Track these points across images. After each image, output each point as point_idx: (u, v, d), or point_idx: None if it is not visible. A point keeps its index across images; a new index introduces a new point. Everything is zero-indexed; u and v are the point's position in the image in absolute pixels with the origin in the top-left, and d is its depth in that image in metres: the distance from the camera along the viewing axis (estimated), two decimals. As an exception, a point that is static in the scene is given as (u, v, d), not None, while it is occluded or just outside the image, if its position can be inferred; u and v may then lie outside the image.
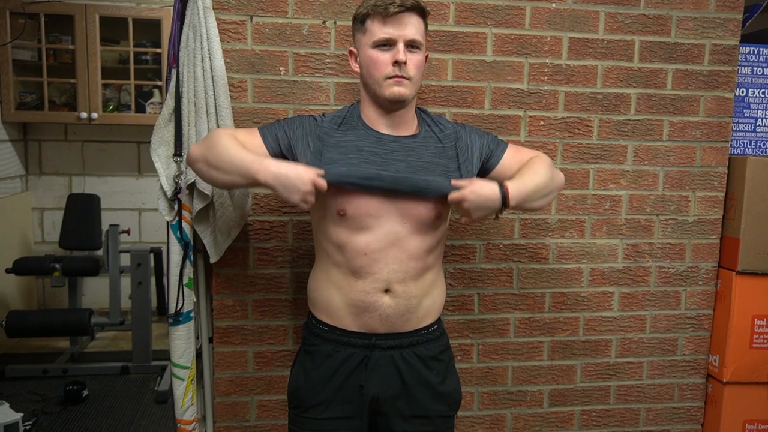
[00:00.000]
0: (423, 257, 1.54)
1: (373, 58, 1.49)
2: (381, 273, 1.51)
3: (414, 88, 1.51)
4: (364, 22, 1.50)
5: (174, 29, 1.83)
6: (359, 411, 1.55)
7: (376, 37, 1.48)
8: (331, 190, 1.47)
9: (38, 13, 3.95)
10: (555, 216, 2.07)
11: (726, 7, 2.07)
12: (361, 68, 1.54)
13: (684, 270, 2.17)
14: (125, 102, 4.20)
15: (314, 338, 1.60)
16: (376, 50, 1.49)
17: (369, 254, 1.50)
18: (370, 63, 1.50)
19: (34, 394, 3.34)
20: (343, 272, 1.54)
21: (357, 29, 1.54)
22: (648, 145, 2.09)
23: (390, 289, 1.52)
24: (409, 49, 1.49)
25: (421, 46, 1.51)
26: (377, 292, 1.51)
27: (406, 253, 1.51)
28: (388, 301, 1.52)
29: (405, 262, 1.52)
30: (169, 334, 1.88)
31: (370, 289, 1.51)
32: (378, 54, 1.48)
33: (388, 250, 1.50)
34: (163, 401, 3.30)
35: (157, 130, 1.83)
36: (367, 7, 1.49)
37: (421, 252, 1.54)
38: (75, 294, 3.97)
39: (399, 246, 1.51)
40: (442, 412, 1.60)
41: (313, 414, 1.57)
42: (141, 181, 4.51)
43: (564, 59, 2.01)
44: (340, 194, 1.48)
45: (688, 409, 2.24)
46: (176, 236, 1.83)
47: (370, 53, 1.49)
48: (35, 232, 4.43)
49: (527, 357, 2.12)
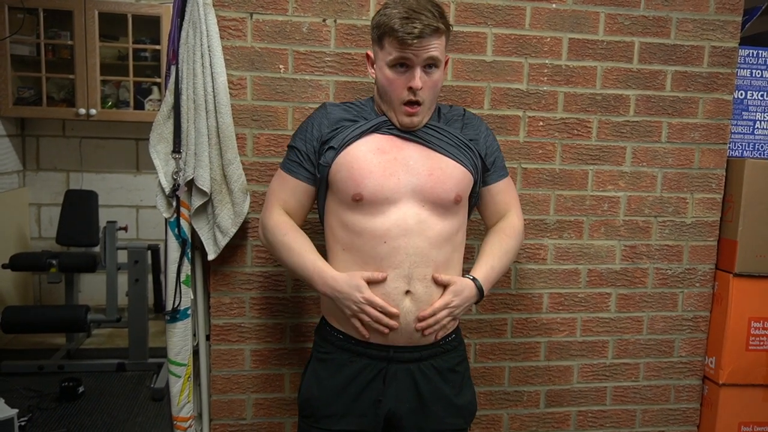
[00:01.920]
0: (443, 245, 1.49)
1: (389, 78, 1.45)
2: (402, 266, 1.44)
3: (428, 110, 1.50)
4: (381, 40, 1.44)
5: (174, 26, 1.83)
6: (374, 425, 1.51)
7: (392, 56, 1.42)
8: (344, 174, 1.47)
9: (37, 8, 3.94)
10: (553, 217, 2.08)
11: (725, 10, 2.07)
12: (377, 80, 1.50)
13: (681, 272, 2.17)
14: (124, 98, 4.20)
15: (328, 346, 1.56)
16: (391, 70, 1.44)
17: (389, 242, 1.45)
18: (385, 82, 1.46)
19: (29, 390, 3.33)
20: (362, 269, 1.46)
21: (374, 39, 1.48)
22: (647, 147, 2.10)
23: (411, 290, 1.45)
24: (426, 70, 1.44)
25: (440, 63, 1.45)
26: (398, 294, 1.45)
27: (428, 240, 1.46)
28: (408, 305, 1.46)
29: (427, 252, 1.46)
30: (167, 332, 1.88)
31: (390, 290, 1.45)
32: (393, 76, 1.44)
33: (408, 237, 1.45)
34: (160, 398, 3.29)
35: (155, 126, 1.83)
36: (385, 26, 1.42)
37: (442, 239, 1.49)
38: (71, 290, 3.96)
39: (419, 232, 1.46)
40: (456, 425, 1.57)
41: (325, 425, 1.53)
42: (139, 177, 4.50)
43: (564, 60, 2.01)
44: (354, 178, 1.46)
45: (684, 410, 2.24)
46: (174, 233, 1.82)
47: (385, 72, 1.45)
48: (32, 228, 4.42)
49: (524, 357, 2.12)
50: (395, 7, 1.42)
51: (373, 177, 1.46)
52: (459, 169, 1.52)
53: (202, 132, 1.78)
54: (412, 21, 1.38)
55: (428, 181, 1.48)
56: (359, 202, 1.46)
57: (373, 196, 1.45)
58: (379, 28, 1.44)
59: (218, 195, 1.81)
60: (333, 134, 1.51)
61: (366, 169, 1.47)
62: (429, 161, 1.50)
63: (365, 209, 1.47)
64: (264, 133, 1.89)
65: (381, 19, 1.43)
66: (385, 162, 1.48)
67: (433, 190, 1.48)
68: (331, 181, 1.52)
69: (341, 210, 1.51)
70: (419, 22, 1.38)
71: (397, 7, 1.41)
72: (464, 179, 1.53)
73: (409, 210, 1.47)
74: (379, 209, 1.46)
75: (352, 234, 1.49)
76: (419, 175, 1.48)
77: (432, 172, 1.49)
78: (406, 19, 1.38)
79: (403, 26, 1.38)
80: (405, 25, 1.38)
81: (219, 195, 1.81)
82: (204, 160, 1.78)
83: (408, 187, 1.47)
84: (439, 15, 1.42)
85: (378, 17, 1.45)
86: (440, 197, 1.48)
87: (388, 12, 1.42)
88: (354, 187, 1.46)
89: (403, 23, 1.38)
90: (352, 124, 1.52)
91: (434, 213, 1.49)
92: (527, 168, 2.04)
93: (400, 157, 1.49)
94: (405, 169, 1.48)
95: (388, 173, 1.47)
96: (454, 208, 1.52)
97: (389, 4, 1.46)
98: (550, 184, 2.06)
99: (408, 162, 1.49)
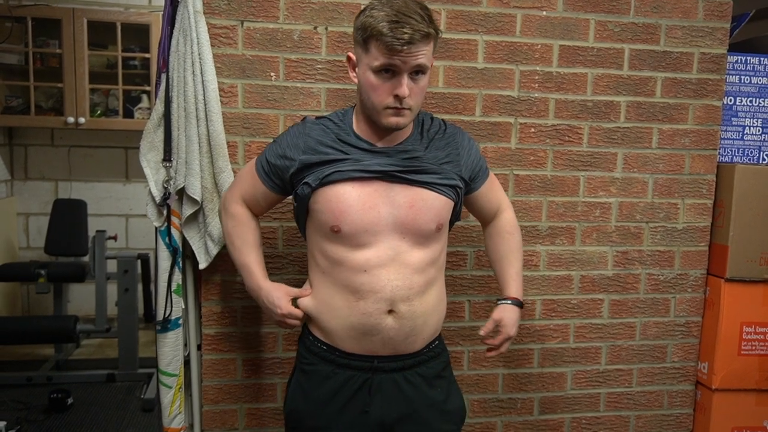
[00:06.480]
0: (426, 270, 1.48)
1: (372, 84, 1.36)
2: (384, 291, 1.43)
3: (414, 114, 1.42)
4: (366, 43, 1.34)
5: (164, 33, 1.82)
6: None
7: (378, 62, 1.33)
8: (322, 205, 1.43)
9: (25, 17, 3.92)
10: (545, 223, 2.08)
11: (714, 17, 2.09)
12: (359, 84, 1.41)
13: (673, 277, 2.18)
14: (113, 107, 4.17)
15: (311, 357, 1.54)
16: (376, 76, 1.35)
17: (369, 270, 1.43)
18: (369, 87, 1.37)
19: (17, 402, 3.29)
20: (342, 293, 1.46)
21: (357, 41, 1.38)
22: (637, 153, 2.11)
23: (394, 310, 1.44)
24: (413, 76, 1.35)
25: (427, 70, 1.38)
26: (380, 314, 1.43)
27: (409, 267, 1.45)
28: (392, 322, 1.44)
29: (409, 277, 1.44)
30: (157, 342, 1.86)
31: (372, 310, 1.43)
32: (378, 81, 1.35)
33: (389, 265, 1.43)
34: (150, 409, 3.26)
35: (146, 134, 1.82)
36: (371, 29, 1.31)
37: (424, 265, 1.47)
38: (60, 300, 3.92)
39: (400, 263, 1.44)
40: (449, 431, 1.57)
41: None
42: (128, 186, 4.47)
43: (554, 67, 2.02)
44: (332, 211, 1.42)
45: (677, 416, 2.24)
46: (165, 242, 1.81)
47: (369, 77, 1.36)
48: (20, 238, 4.37)
49: (518, 364, 2.12)
50: (382, 9, 1.31)
51: (353, 211, 1.41)
52: (440, 199, 1.48)
53: (193, 140, 1.77)
54: (401, 25, 1.28)
55: (409, 213, 1.44)
56: (338, 234, 1.43)
57: (353, 229, 1.42)
58: (364, 30, 1.33)
59: (209, 203, 1.80)
60: (307, 161, 1.45)
61: (345, 203, 1.42)
62: (410, 192, 1.45)
63: (344, 241, 1.43)
64: (255, 141, 1.88)
65: (366, 20, 1.32)
66: (365, 195, 1.43)
67: (414, 222, 1.44)
68: (310, 209, 1.48)
69: (320, 238, 1.48)
70: (409, 27, 1.29)
71: (384, 9, 1.31)
72: (445, 207, 1.50)
73: (390, 242, 1.44)
74: (359, 241, 1.43)
75: (332, 263, 1.46)
76: (400, 207, 1.44)
77: (413, 204, 1.44)
78: (395, 23, 1.29)
79: (392, 30, 1.28)
80: (394, 29, 1.28)
81: (210, 203, 1.80)
82: (195, 169, 1.77)
83: (388, 220, 1.43)
84: (428, 19, 1.33)
85: (363, 18, 1.34)
86: (421, 228, 1.45)
87: (374, 14, 1.32)
88: (332, 220, 1.42)
89: (391, 27, 1.29)
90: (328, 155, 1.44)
91: (415, 244, 1.46)
92: (519, 174, 2.04)
93: (380, 188, 1.44)
94: (385, 201, 1.43)
95: (368, 206, 1.42)
96: (436, 235, 1.49)
97: (375, 4, 1.34)
98: (541, 190, 2.06)
99: (388, 193, 1.44)
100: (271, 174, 1.52)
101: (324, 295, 1.50)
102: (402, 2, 1.33)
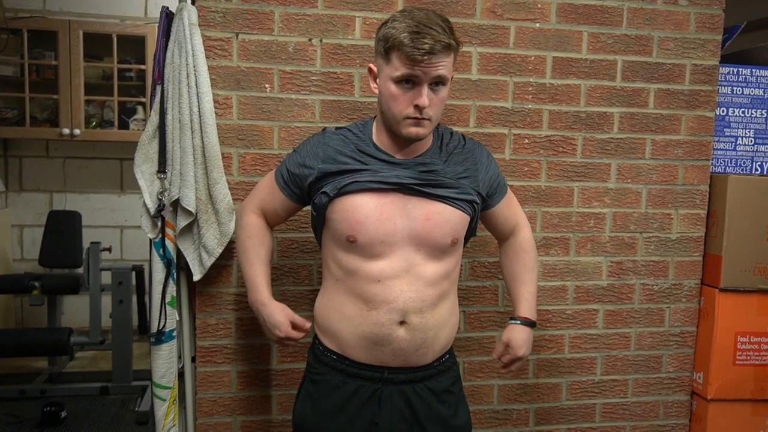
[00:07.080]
0: (439, 283, 1.49)
1: (393, 93, 1.38)
2: (396, 302, 1.44)
3: (434, 125, 1.44)
4: (388, 53, 1.37)
5: (159, 45, 1.82)
6: None
7: (399, 72, 1.36)
8: (339, 215, 1.45)
9: (21, 29, 3.93)
10: (540, 234, 2.08)
11: (706, 28, 2.11)
12: (380, 95, 1.43)
13: (667, 287, 2.18)
14: (108, 118, 4.18)
15: (321, 366, 1.54)
16: (397, 86, 1.37)
17: (383, 281, 1.44)
18: (389, 97, 1.39)
19: (10, 415, 3.26)
20: (354, 301, 1.47)
21: (379, 52, 1.41)
22: (631, 164, 2.12)
23: (406, 321, 1.45)
24: (433, 87, 1.38)
25: (447, 81, 1.40)
26: (392, 324, 1.44)
27: (423, 280, 1.46)
28: (403, 334, 1.45)
29: (422, 290, 1.46)
30: (151, 354, 1.85)
31: (384, 320, 1.44)
32: (398, 91, 1.37)
33: (403, 277, 1.44)
34: (144, 422, 3.23)
35: (141, 146, 1.82)
36: (393, 39, 1.34)
37: (438, 278, 1.48)
38: (54, 312, 3.90)
39: (414, 275, 1.45)
40: None
41: None
42: (123, 198, 4.47)
43: (548, 78, 2.03)
44: (349, 221, 1.44)
45: (673, 426, 2.24)
46: (159, 254, 1.81)
47: (390, 87, 1.38)
48: (14, 250, 4.36)
49: (513, 375, 2.11)
50: (403, 20, 1.35)
51: (369, 222, 1.43)
52: (456, 213, 1.49)
53: (188, 152, 1.77)
54: (422, 36, 1.31)
55: (425, 226, 1.45)
56: (353, 244, 1.44)
57: (368, 239, 1.43)
58: (386, 41, 1.36)
59: (204, 215, 1.80)
60: (326, 170, 1.47)
61: (362, 213, 1.43)
62: (426, 206, 1.46)
63: (359, 251, 1.45)
64: (250, 153, 1.88)
65: (388, 31, 1.36)
66: (382, 206, 1.44)
67: (430, 235, 1.45)
68: (327, 218, 1.49)
69: (335, 248, 1.49)
70: (430, 38, 1.31)
71: (406, 20, 1.34)
72: (461, 222, 1.51)
73: (405, 254, 1.45)
74: (374, 252, 1.44)
75: (346, 272, 1.48)
76: (416, 219, 1.45)
77: (429, 217, 1.46)
78: (416, 34, 1.32)
79: (413, 41, 1.31)
80: (415, 40, 1.31)
81: (205, 215, 1.80)
82: (189, 180, 1.77)
83: (404, 232, 1.45)
84: (449, 31, 1.36)
85: (385, 29, 1.38)
86: (437, 242, 1.46)
87: (396, 25, 1.35)
88: (348, 230, 1.44)
89: (413, 38, 1.31)
90: (347, 165, 1.46)
91: (430, 257, 1.47)
92: (513, 185, 2.04)
93: (397, 200, 1.45)
94: (401, 213, 1.45)
95: (384, 218, 1.44)
96: (451, 249, 1.50)
97: (397, 16, 1.38)
98: (536, 201, 2.07)
99: (405, 206, 1.45)
100: (291, 183, 1.54)
101: (336, 302, 1.51)
102: (423, 14, 1.37)
